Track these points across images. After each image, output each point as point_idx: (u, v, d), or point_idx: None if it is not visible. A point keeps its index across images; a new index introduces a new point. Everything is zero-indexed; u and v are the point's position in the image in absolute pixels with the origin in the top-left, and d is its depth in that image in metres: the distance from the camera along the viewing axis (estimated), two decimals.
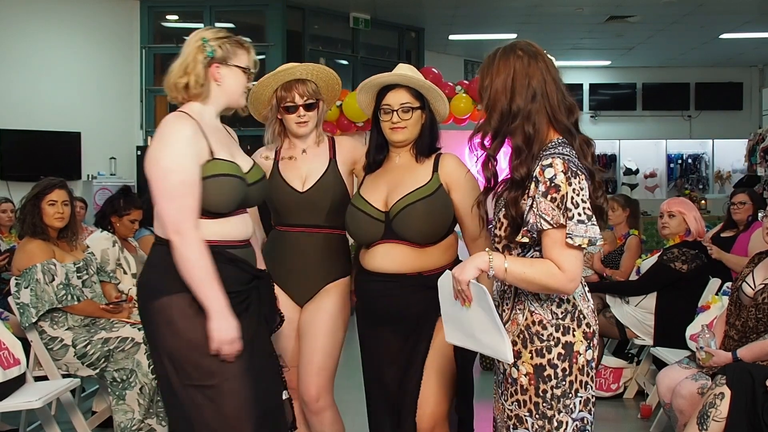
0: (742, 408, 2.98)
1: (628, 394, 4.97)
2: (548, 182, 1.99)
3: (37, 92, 8.18)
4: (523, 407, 2.10)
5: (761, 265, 3.48)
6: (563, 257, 1.99)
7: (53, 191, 3.95)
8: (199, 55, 2.38)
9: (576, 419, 2.10)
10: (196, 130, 2.31)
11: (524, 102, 2.07)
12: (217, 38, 2.41)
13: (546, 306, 2.09)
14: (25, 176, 7.41)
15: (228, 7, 9.28)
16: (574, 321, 2.10)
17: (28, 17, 8.20)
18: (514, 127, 2.08)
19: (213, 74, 2.40)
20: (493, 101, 2.10)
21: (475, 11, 9.92)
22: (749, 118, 13.31)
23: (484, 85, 2.13)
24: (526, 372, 2.09)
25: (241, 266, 2.38)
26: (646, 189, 13.96)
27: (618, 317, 4.79)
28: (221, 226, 2.35)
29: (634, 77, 14.12)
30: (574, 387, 2.08)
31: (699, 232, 4.67)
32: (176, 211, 2.24)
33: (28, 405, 3.40)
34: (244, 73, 2.46)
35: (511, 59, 2.09)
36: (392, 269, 2.66)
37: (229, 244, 2.36)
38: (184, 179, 2.25)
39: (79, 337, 3.80)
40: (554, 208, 1.98)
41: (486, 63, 2.15)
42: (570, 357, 2.08)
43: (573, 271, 1.99)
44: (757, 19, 10.30)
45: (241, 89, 2.47)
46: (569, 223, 1.97)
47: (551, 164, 2.00)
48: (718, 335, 3.53)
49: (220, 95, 2.44)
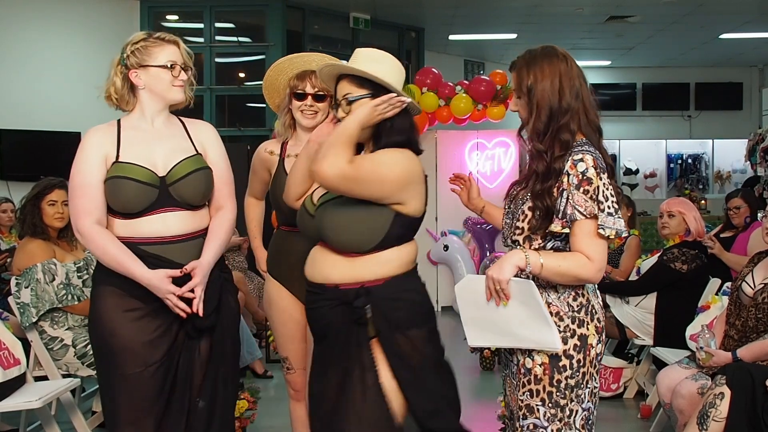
0: (742, 408, 2.99)
1: (628, 394, 4.97)
2: (581, 175, 2.10)
3: (37, 92, 8.18)
4: (536, 396, 2.17)
5: (761, 264, 3.48)
6: (592, 248, 2.10)
7: (53, 191, 3.96)
8: (117, 66, 2.53)
9: (584, 409, 2.19)
10: (101, 138, 2.47)
11: (571, 101, 2.17)
12: (132, 44, 2.51)
13: (563, 299, 2.17)
14: (25, 176, 7.40)
15: (228, 7, 9.28)
16: (587, 315, 2.19)
17: (28, 17, 8.20)
18: (562, 124, 2.16)
19: (133, 80, 2.51)
20: (541, 100, 2.17)
21: (475, 11, 9.92)
22: (749, 118, 13.32)
23: (527, 84, 2.19)
24: (541, 362, 2.16)
25: (152, 263, 2.42)
26: (646, 189, 13.97)
27: (618, 317, 4.79)
28: (130, 225, 2.45)
29: (634, 77, 14.13)
30: (585, 378, 2.18)
31: (699, 232, 4.68)
32: (74, 210, 2.45)
33: (28, 405, 3.40)
34: (165, 69, 2.49)
35: (555, 61, 2.18)
36: (314, 278, 2.39)
37: (141, 242, 2.44)
38: (80, 181, 2.43)
39: (79, 337, 3.80)
40: (587, 200, 2.09)
41: (525, 63, 2.21)
42: (584, 349, 2.17)
43: (601, 261, 2.12)
44: (757, 19, 10.30)
45: (166, 85, 2.51)
46: (601, 214, 2.09)
47: (582, 159, 2.12)
48: (718, 335, 3.53)
49: (150, 97, 2.53)
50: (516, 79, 2.23)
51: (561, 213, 2.12)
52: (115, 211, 2.45)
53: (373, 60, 2.36)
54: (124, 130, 2.51)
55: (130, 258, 2.39)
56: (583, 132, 2.20)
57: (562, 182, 2.13)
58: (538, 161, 2.18)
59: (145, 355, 2.41)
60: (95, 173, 2.43)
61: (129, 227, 2.45)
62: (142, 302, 2.42)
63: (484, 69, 12.91)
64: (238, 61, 9.32)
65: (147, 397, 2.42)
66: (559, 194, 2.13)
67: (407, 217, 2.30)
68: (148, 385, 2.41)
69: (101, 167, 2.44)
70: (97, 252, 2.43)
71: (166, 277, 2.38)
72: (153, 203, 2.45)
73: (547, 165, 2.15)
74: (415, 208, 2.31)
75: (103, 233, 2.41)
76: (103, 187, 2.43)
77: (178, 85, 2.53)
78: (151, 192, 2.44)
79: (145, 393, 2.41)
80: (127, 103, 2.55)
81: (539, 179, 2.17)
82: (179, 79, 2.52)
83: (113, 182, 2.42)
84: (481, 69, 12.97)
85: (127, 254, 2.40)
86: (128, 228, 2.45)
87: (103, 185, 2.43)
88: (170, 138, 2.54)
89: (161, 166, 2.48)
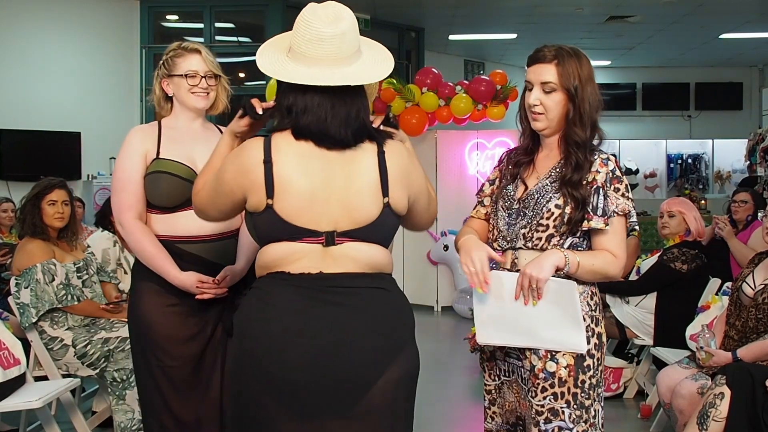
0: (742, 408, 2.99)
1: (628, 394, 4.97)
2: (611, 173, 2.18)
3: (37, 92, 8.18)
4: (561, 399, 2.15)
5: (761, 265, 3.49)
6: (621, 245, 2.17)
7: (53, 191, 3.96)
8: (157, 77, 2.69)
9: (602, 407, 2.22)
10: (143, 136, 2.61)
11: (601, 102, 2.22)
12: (165, 54, 2.68)
13: (583, 298, 2.18)
14: (25, 176, 7.40)
15: (228, 7, 9.28)
16: (600, 313, 2.23)
17: (28, 17, 8.20)
18: (596, 119, 2.21)
19: (165, 89, 2.68)
20: (584, 93, 2.18)
21: (475, 11, 9.92)
22: (749, 118, 13.33)
23: (573, 83, 2.16)
24: (566, 364, 2.15)
25: (189, 260, 2.53)
26: (646, 189, 13.98)
27: (618, 317, 4.79)
28: (168, 221, 2.56)
29: (634, 77, 14.13)
30: (602, 376, 2.22)
31: (699, 232, 4.68)
32: (116, 204, 2.59)
33: (28, 405, 3.40)
34: (184, 78, 2.63)
35: (584, 58, 2.21)
36: None
37: (178, 239, 2.55)
38: (122, 177, 2.57)
39: (79, 337, 3.80)
40: (618, 198, 2.17)
41: (565, 56, 2.17)
42: (601, 347, 2.20)
43: (625, 257, 2.19)
44: (757, 19, 10.30)
45: (185, 93, 2.64)
46: (632, 212, 2.18)
47: (609, 159, 2.21)
48: (718, 335, 3.53)
49: (178, 104, 2.68)
50: (560, 75, 2.16)
51: (601, 210, 2.14)
52: (153, 206, 2.57)
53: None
54: (165, 129, 2.65)
55: (165, 258, 2.52)
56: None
57: (595, 180, 2.16)
58: (576, 152, 2.17)
59: (184, 349, 2.55)
60: (136, 169, 2.56)
61: (167, 223, 2.56)
62: (179, 299, 2.54)
63: (484, 69, 12.92)
64: (238, 61, 9.31)
65: (183, 388, 2.56)
66: (594, 192, 2.15)
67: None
68: (187, 376, 2.56)
69: (142, 164, 2.57)
70: (134, 246, 2.56)
71: (197, 281, 2.50)
72: (189, 199, 2.50)
73: (584, 156, 2.17)
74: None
75: (143, 229, 2.55)
76: (143, 183, 2.56)
77: (195, 93, 2.63)
78: (189, 188, 2.50)
79: (182, 384, 2.56)
80: (164, 109, 2.72)
81: (574, 170, 2.16)
82: (198, 87, 2.63)
83: (153, 177, 2.55)
84: (481, 69, 12.97)
85: (163, 253, 2.53)
86: (166, 224, 2.56)
87: (143, 180, 2.56)
88: (206, 140, 2.63)
89: (199, 164, 2.57)
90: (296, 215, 1.89)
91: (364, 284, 1.93)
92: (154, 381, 2.56)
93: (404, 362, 1.93)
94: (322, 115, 1.89)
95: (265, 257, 1.95)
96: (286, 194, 1.89)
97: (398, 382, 1.91)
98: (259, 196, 1.90)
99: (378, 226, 1.94)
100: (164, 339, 2.54)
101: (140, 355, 2.60)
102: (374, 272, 1.96)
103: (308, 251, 1.90)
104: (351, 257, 1.92)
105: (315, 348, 1.86)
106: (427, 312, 7.95)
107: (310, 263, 1.90)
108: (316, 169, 1.90)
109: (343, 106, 1.91)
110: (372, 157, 1.94)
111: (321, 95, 1.89)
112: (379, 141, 1.96)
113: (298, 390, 1.86)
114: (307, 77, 1.87)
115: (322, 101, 1.89)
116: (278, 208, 1.89)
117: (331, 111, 1.89)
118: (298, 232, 1.90)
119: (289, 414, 1.87)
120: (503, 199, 2.28)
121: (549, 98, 2.18)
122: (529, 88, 2.23)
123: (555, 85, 2.17)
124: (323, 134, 1.89)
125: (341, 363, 1.86)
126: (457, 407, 4.98)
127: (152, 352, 2.55)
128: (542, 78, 2.18)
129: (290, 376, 1.86)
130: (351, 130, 1.91)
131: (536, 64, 2.21)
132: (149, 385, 2.58)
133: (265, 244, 1.96)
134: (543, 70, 2.18)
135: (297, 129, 1.90)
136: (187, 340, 2.56)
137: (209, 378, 2.60)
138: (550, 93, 2.18)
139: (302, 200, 1.89)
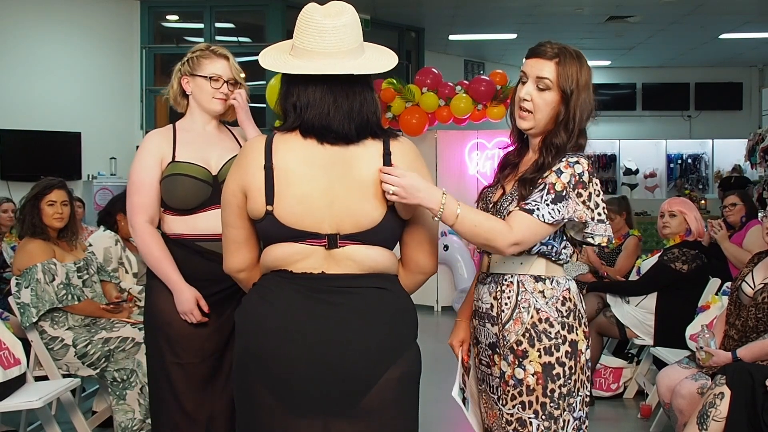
0: (741, 408, 2.99)
1: (628, 394, 4.97)
2: (577, 177, 2.04)
3: (37, 92, 8.18)
4: (528, 409, 2.07)
5: (761, 265, 3.49)
6: (527, 225, 2.00)
7: (52, 191, 3.95)
8: (178, 72, 2.71)
9: (576, 418, 2.10)
10: (160, 140, 2.63)
11: (593, 109, 2.14)
12: (191, 52, 2.70)
13: (551, 304, 2.09)
14: (25, 176, 7.42)
15: (228, 7, 9.28)
16: (575, 320, 2.10)
17: (28, 17, 8.21)
18: (583, 128, 2.12)
19: (183, 86, 2.70)
20: (579, 99, 2.09)
21: (475, 11, 9.93)
22: (749, 118, 13.34)
23: (570, 85, 2.08)
24: (534, 371, 2.06)
25: (209, 258, 2.55)
26: (646, 189, 13.97)
27: (618, 317, 4.79)
28: (186, 222, 2.59)
29: (634, 77, 14.14)
30: (576, 386, 2.09)
31: (699, 232, 4.68)
32: (130, 206, 2.62)
33: (28, 405, 3.40)
34: (207, 80, 2.66)
35: (585, 64, 2.12)
36: None
37: (198, 238, 2.59)
38: (136, 180, 2.60)
39: (79, 336, 3.80)
40: (578, 204, 2.03)
41: (568, 57, 2.09)
42: (575, 355, 2.08)
43: (521, 238, 1.99)
44: (757, 19, 10.31)
45: (206, 96, 2.67)
46: (590, 223, 2.05)
47: (578, 162, 2.06)
48: (718, 335, 3.53)
49: (195, 104, 2.70)
50: (558, 74, 2.07)
51: (532, 203, 2.02)
52: (171, 208, 2.60)
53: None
54: (179, 132, 2.67)
55: (170, 264, 2.57)
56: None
57: (548, 178, 2.04)
58: (547, 155, 2.08)
59: (206, 344, 2.60)
60: (151, 173, 2.59)
61: (186, 223, 2.59)
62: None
63: (484, 69, 12.92)
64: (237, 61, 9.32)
65: (200, 386, 2.60)
66: (540, 188, 2.03)
67: None
68: (203, 374, 2.60)
69: (157, 167, 2.59)
70: (142, 249, 2.61)
71: (194, 299, 2.55)
72: (207, 200, 2.59)
73: (555, 160, 2.06)
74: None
75: (152, 233, 2.59)
76: (160, 186, 2.59)
77: (218, 97, 2.67)
78: (206, 189, 2.59)
79: (200, 382, 2.60)
80: (179, 104, 2.74)
81: (536, 170, 2.08)
82: (220, 92, 2.66)
83: (170, 179, 2.57)
84: (481, 69, 12.98)
85: (169, 259, 2.57)
86: (186, 224, 2.59)
87: (160, 184, 2.59)
88: (220, 141, 2.69)
89: (214, 165, 2.62)
90: (296, 220, 1.87)
91: (366, 284, 1.91)
92: (169, 381, 2.58)
93: (405, 362, 1.92)
94: (325, 109, 1.87)
95: (269, 257, 1.94)
96: (286, 200, 1.87)
97: (399, 382, 1.90)
98: (258, 202, 1.88)
99: (381, 229, 1.91)
100: (185, 335, 2.57)
101: (156, 354, 2.62)
102: (377, 273, 1.94)
103: (311, 252, 1.89)
104: (354, 260, 1.90)
105: (313, 345, 1.86)
106: (427, 312, 7.96)
107: (312, 263, 1.90)
108: (318, 173, 1.87)
109: (346, 100, 1.88)
110: (377, 158, 1.91)
111: (323, 90, 1.87)
112: (385, 140, 1.93)
113: (295, 386, 1.86)
114: (310, 68, 1.86)
115: (325, 95, 1.87)
116: (278, 214, 1.87)
117: (334, 105, 1.87)
118: (300, 235, 1.88)
119: (286, 409, 1.87)
120: (482, 201, 2.25)
121: (541, 96, 2.09)
122: (523, 80, 2.14)
123: (551, 83, 2.08)
124: (326, 128, 1.87)
125: (340, 361, 1.86)
126: (457, 407, 4.96)
127: (171, 350, 2.58)
128: (539, 73, 2.09)
129: (288, 372, 1.86)
130: (354, 124, 1.88)
131: (536, 58, 2.11)
132: (163, 386, 2.60)
133: (268, 244, 1.96)
134: (542, 66, 2.09)
135: (303, 126, 1.89)
136: (208, 335, 2.59)
137: (228, 373, 2.60)
138: (543, 90, 2.08)
139: (302, 205, 1.87)
